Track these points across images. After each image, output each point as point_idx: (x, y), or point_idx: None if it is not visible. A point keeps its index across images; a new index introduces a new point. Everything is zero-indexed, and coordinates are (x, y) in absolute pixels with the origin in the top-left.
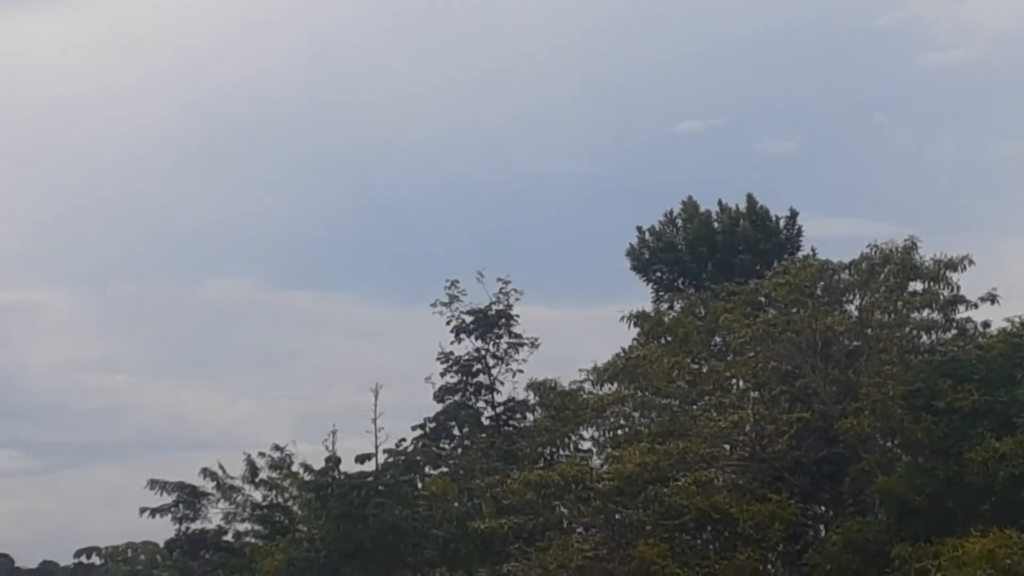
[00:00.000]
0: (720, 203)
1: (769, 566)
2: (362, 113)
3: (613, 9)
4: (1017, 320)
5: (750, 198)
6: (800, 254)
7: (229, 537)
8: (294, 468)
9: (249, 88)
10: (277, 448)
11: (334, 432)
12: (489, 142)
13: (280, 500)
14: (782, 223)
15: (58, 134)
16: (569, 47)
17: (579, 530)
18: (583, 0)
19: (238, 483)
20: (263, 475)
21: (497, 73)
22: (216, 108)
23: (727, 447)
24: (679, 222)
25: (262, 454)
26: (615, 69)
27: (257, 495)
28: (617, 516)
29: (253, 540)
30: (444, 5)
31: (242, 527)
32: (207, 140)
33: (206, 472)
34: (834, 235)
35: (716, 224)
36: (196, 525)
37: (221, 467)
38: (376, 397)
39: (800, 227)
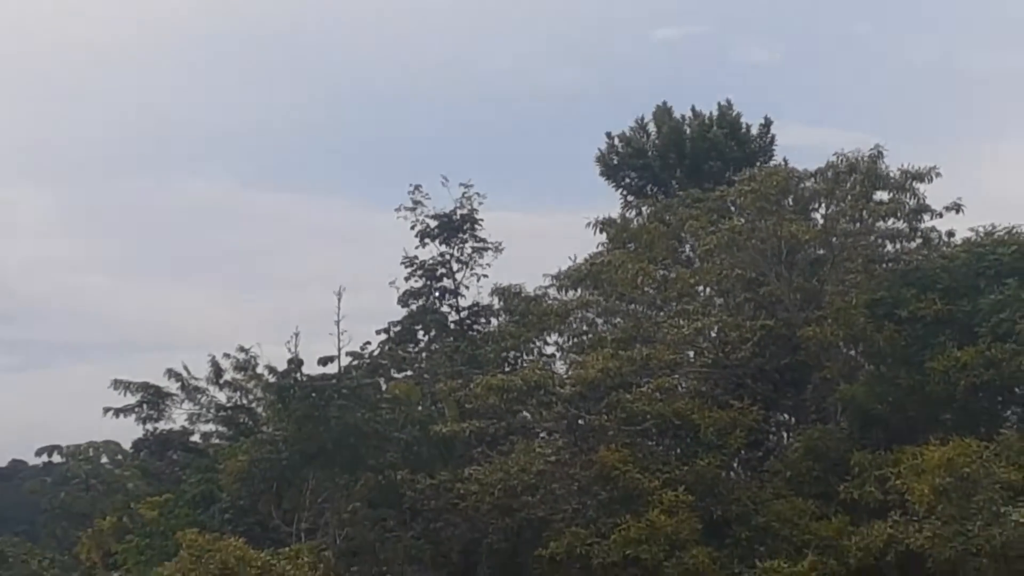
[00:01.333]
0: (693, 110)
1: (730, 472)
2: (335, 13)
3: None
4: (981, 230)
5: (722, 105)
6: (772, 162)
7: (196, 438)
8: (259, 370)
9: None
10: (242, 350)
11: (297, 334)
12: (463, 44)
13: (244, 402)
14: (755, 131)
15: (29, 30)
16: None
17: (541, 435)
18: None
19: (203, 384)
20: (228, 376)
21: None
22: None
23: (690, 354)
24: (650, 128)
25: (227, 355)
26: None
27: (222, 396)
28: (579, 421)
29: (218, 441)
30: None
31: (207, 428)
32: (187, 37)
33: (171, 373)
34: (808, 144)
35: (687, 131)
36: (161, 426)
37: (186, 368)
38: (339, 300)
39: (773, 136)
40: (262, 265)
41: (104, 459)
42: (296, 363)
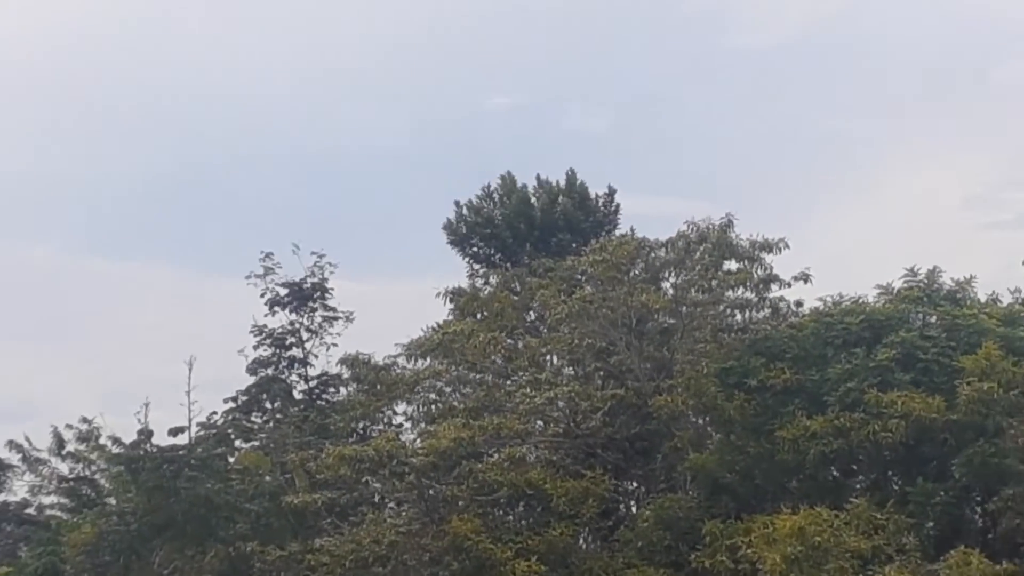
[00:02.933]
0: (539, 179)
1: (582, 541)
2: (178, 77)
3: None
4: (829, 299)
5: (569, 174)
6: (618, 232)
7: (32, 510)
8: (102, 441)
9: (56, 40)
10: (85, 420)
11: (147, 404)
12: (305, 114)
13: (87, 473)
14: (600, 201)
15: None
16: (385, 20)
17: (392, 505)
18: None
19: (44, 455)
20: (70, 447)
21: (311, 43)
22: (25, 60)
23: (541, 423)
24: (496, 197)
25: (69, 426)
26: (428, 42)
27: (64, 468)
28: (431, 491)
29: (58, 513)
30: None
31: (48, 500)
32: (13, 92)
33: (12, 444)
34: (651, 213)
35: (534, 200)
36: (2, 497)
37: (27, 439)
38: (191, 369)
39: (618, 205)
40: (102, 332)
41: None
42: (146, 433)
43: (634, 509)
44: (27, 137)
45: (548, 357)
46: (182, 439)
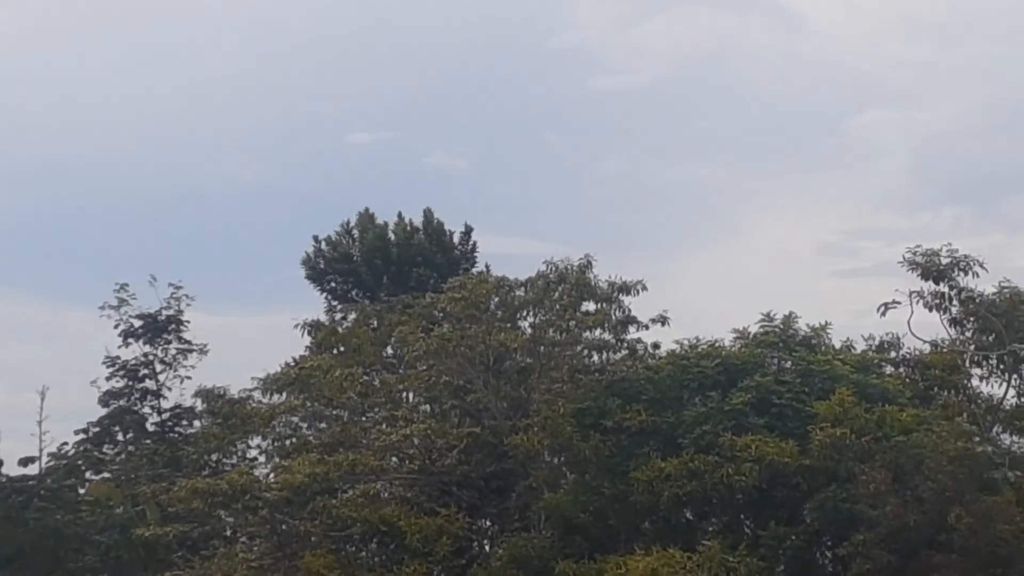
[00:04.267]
0: (399, 215)
1: None
2: (31, 107)
3: (285, 19)
4: (686, 343)
5: (426, 212)
6: (475, 270)
7: None
8: None
9: None
10: None
11: None
12: (163, 145)
13: None
14: (456, 238)
15: None
16: (241, 56)
17: (243, 540)
18: (255, 9)
19: None
20: None
21: (169, 78)
22: None
23: (396, 460)
24: (355, 233)
25: None
26: (286, 78)
27: None
28: (284, 526)
29: None
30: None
31: None
32: None
33: None
34: (507, 253)
35: (392, 236)
36: None
37: None
38: (43, 399)
39: (475, 243)
40: None
41: None
42: None
43: (488, 548)
44: None
45: (405, 394)
46: (32, 469)
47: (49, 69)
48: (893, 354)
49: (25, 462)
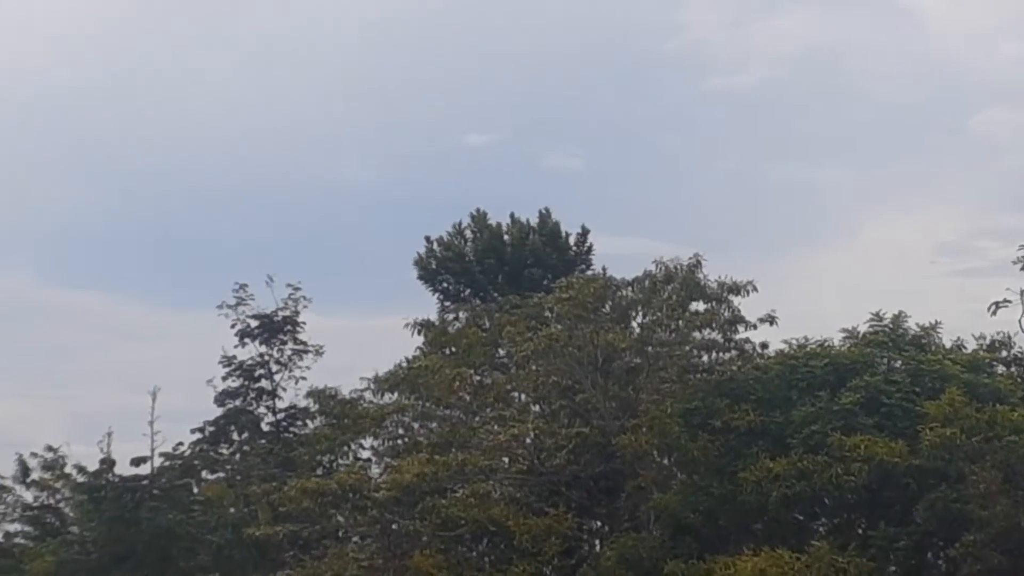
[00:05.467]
0: (512, 216)
1: None
2: (149, 113)
3: (400, 19)
4: (794, 342)
5: (542, 213)
6: (591, 271)
7: None
8: (67, 469)
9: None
10: (50, 449)
11: (109, 434)
12: (279, 148)
13: (52, 501)
14: (572, 240)
15: None
16: (357, 56)
17: (355, 539)
18: (370, 10)
19: (8, 483)
20: (35, 476)
21: (286, 80)
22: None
23: (506, 460)
24: (468, 233)
25: (35, 454)
26: (401, 79)
27: (28, 496)
28: (394, 526)
29: (23, 541)
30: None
31: (12, 527)
32: None
33: None
34: (623, 253)
35: (506, 237)
36: None
37: None
38: (154, 399)
39: (591, 244)
40: (65, 363)
41: None
42: (108, 463)
43: (597, 548)
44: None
45: (514, 394)
46: (145, 469)
47: (165, 71)
48: (1004, 353)
49: (137, 462)
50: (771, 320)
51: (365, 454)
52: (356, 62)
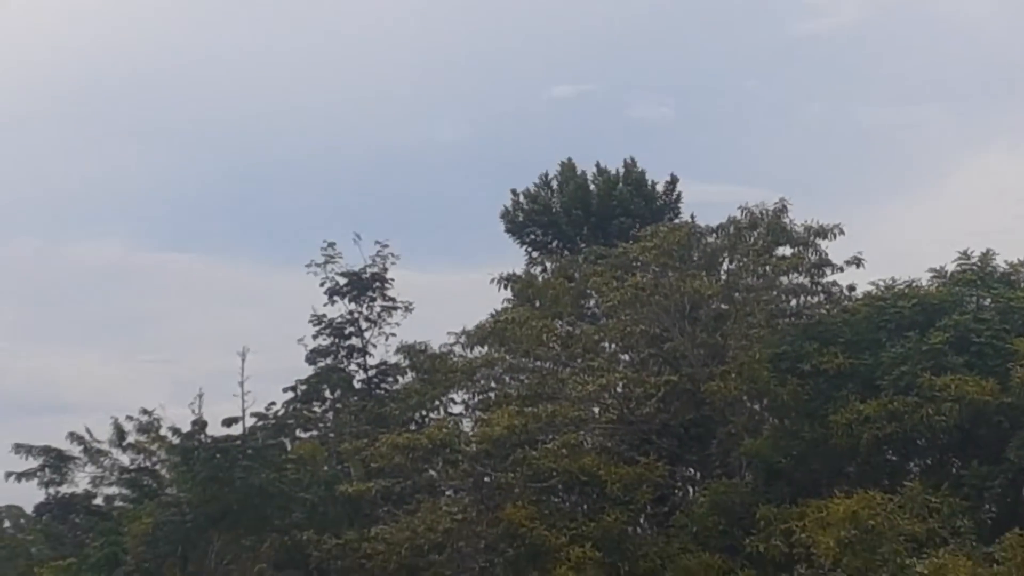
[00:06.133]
0: (598, 166)
1: (637, 528)
2: (237, 75)
3: None
4: (882, 284)
5: (628, 162)
6: (679, 219)
7: (99, 501)
8: (162, 432)
9: (120, 42)
10: (145, 412)
11: (200, 395)
12: (363, 108)
13: (148, 464)
14: (661, 188)
15: None
16: (438, 13)
17: (447, 493)
18: None
19: (105, 447)
20: (131, 439)
21: (369, 39)
22: (87, 62)
23: (596, 410)
24: (555, 184)
25: (130, 418)
26: (488, 35)
27: (125, 459)
28: (486, 479)
29: (122, 504)
30: None
31: (110, 491)
32: (76, 94)
33: (73, 436)
34: (712, 200)
35: (592, 187)
36: (64, 489)
37: (88, 431)
38: (243, 360)
39: (679, 192)
40: (159, 326)
41: (6, 524)
42: (200, 424)
43: (690, 495)
44: (92, 139)
45: (602, 344)
46: (237, 430)
47: (250, 32)
48: None
49: (229, 422)
50: (858, 262)
51: (456, 408)
52: (443, 18)
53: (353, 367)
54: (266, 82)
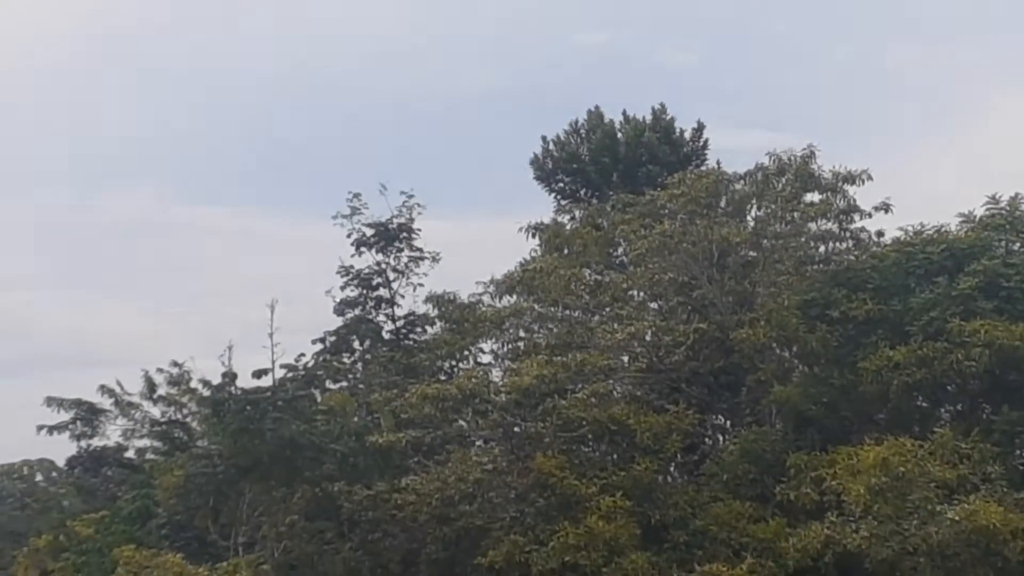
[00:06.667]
0: (625, 114)
1: (667, 476)
2: (268, 29)
3: None
4: (911, 229)
5: (655, 110)
6: (706, 166)
7: (131, 454)
8: (192, 384)
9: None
10: (175, 364)
11: (230, 347)
12: (390, 59)
13: (179, 416)
14: (688, 135)
15: None
16: None
17: (478, 443)
18: None
19: (136, 400)
20: (161, 391)
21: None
22: (124, 13)
23: (625, 359)
24: (583, 132)
25: (160, 370)
26: None
27: (156, 412)
28: (516, 429)
29: (153, 456)
30: None
31: (141, 443)
32: (112, 45)
33: (104, 389)
34: (739, 146)
35: (620, 135)
36: (95, 442)
37: (119, 384)
38: (272, 312)
39: (707, 139)
40: (191, 279)
41: (38, 477)
42: (230, 376)
43: (720, 443)
44: (125, 92)
45: (631, 292)
46: (266, 381)
47: None
48: None
49: (259, 374)
50: (886, 208)
51: (485, 358)
52: None
53: (381, 318)
54: (296, 35)
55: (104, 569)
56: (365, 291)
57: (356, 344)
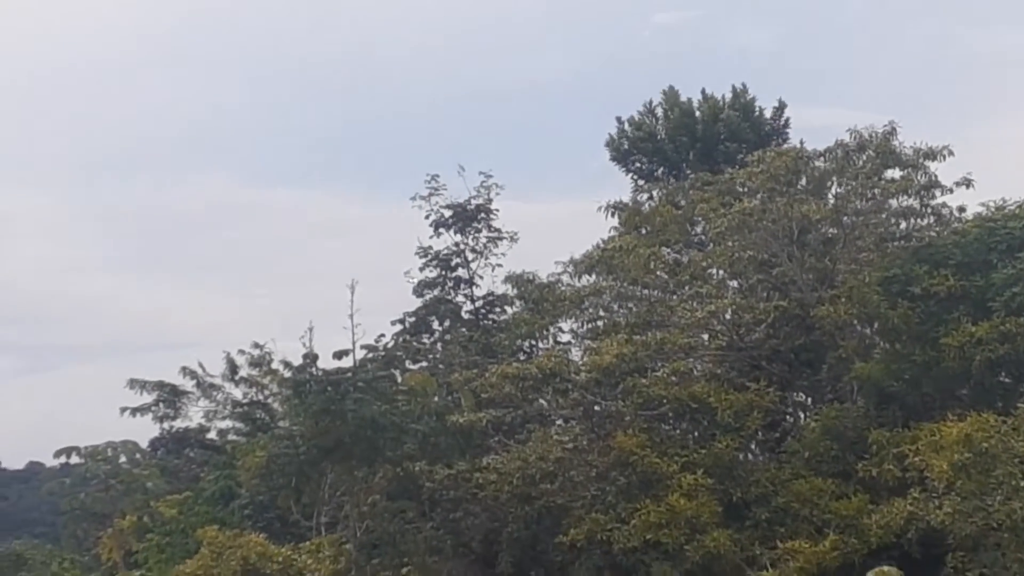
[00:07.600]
0: (703, 92)
1: (748, 454)
2: (342, 13)
3: None
4: (992, 204)
5: (736, 89)
6: (787, 144)
7: (213, 435)
8: (274, 366)
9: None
10: (257, 346)
11: (311, 329)
12: (468, 45)
13: (260, 398)
14: (769, 114)
15: (30, 40)
16: None
17: (558, 422)
18: None
19: (218, 381)
20: (243, 373)
21: None
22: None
23: (705, 337)
24: (659, 112)
25: (242, 352)
26: None
27: (237, 393)
28: (596, 407)
29: (235, 437)
30: None
31: (223, 425)
32: (188, 35)
33: (186, 371)
34: (821, 125)
35: (698, 113)
36: (178, 424)
37: (201, 366)
38: (352, 293)
39: (788, 118)
40: (270, 261)
41: (122, 459)
42: (311, 357)
43: (801, 420)
44: (201, 79)
45: (711, 270)
46: (347, 362)
47: None
48: None
49: (339, 355)
50: (968, 184)
51: (564, 337)
52: None
53: (460, 298)
54: (372, 21)
55: (187, 549)
56: (444, 272)
57: (435, 324)
